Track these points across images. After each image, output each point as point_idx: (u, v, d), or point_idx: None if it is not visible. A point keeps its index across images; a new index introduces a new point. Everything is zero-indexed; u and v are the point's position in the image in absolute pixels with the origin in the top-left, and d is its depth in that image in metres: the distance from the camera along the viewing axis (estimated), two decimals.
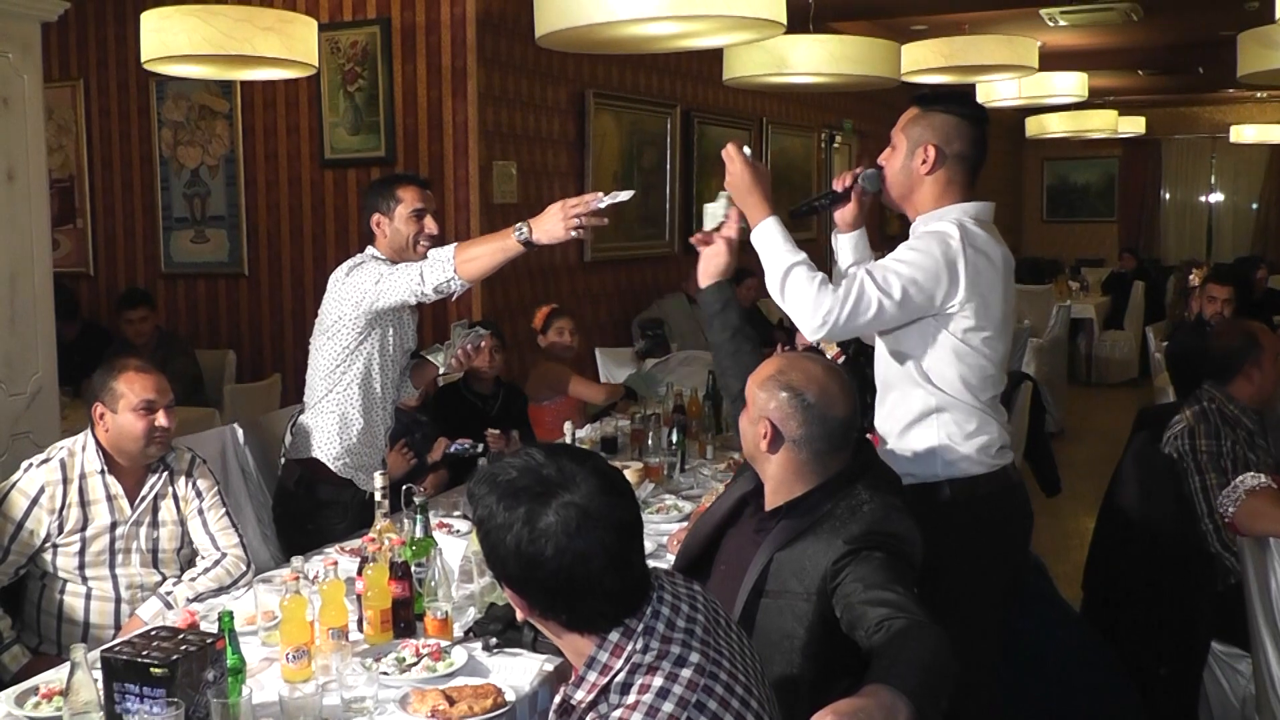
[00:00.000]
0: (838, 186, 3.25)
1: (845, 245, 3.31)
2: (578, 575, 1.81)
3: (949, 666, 2.08)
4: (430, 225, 3.97)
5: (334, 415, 3.98)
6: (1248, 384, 4.12)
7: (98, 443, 3.49)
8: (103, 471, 3.47)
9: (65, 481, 3.44)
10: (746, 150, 3.11)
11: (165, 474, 3.58)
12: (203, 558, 3.63)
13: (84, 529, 3.44)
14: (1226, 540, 3.94)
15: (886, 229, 12.63)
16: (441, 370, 4.21)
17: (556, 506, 1.80)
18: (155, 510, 3.56)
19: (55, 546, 3.42)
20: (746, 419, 2.67)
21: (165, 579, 3.55)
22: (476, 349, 4.13)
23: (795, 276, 2.92)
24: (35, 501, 3.40)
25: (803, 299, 2.90)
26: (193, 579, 3.54)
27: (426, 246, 3.96)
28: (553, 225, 3.57)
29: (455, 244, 3.76)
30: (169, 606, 3.44)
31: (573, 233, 3.56)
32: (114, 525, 3.47)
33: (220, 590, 3.52)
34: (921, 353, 3.00)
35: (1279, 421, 4.36)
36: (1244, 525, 3.57)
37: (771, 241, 3.00)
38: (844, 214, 3.27)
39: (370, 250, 4.00)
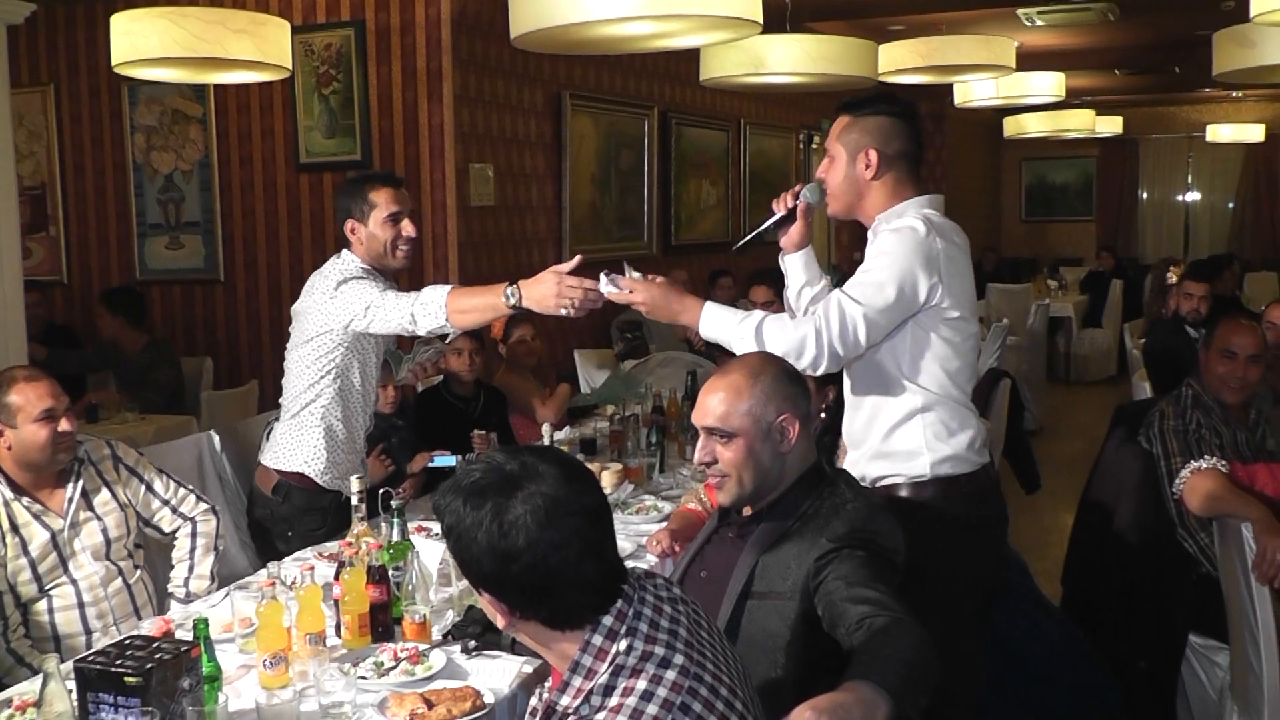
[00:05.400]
0: (779, 209, 3.21)
1: (795, 265, 3.29)
2: (553, 565, 1.79)
3: (930, 664, 2.07)
4: (408, 228, 3.83)
5: (319, 428, 3.87)
6: (1204, 371, 4.15)
7: None
8: (15, 498, 3.41)
9: None
10: (632, 274, 3.09)
11: (89, 469, 3.54)
12: (175, 536, 3.67)
13: (26, 551, 3.38)
14: (1190, 525, 3.98)
15: (840, 237, 12.69)
16: (398, 381, 4.14)
17: (523, 498, 1.79)
18: (90, 506, 3.51)
19: (3, 566, 3.36)
20: (746, 443, 2.55)
21: (120, 570, 3.53)
22: (434, 365, 4.04)
23: (766, 328, 2.89)
24: None
25: (785, 341, 2.86)
26: (191, 565, 3.61)
27: (405, 251, 3.85)
28: (544, 295, 3.35)
29: (449, 288, 3.55)
30: (189, 601, 3.51)
31: (563, 310, 3.33)
32: (53, 537, 3.42)
33: (215, 553, 3.65)
34: (905, 353, 2.97)
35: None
36: (1188, 502, 3.75)
37: (722, 321, 2.97)
38: (790, 235, 3.24)
39: (350, 256, 3.84)
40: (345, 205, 3.86)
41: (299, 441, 3.90)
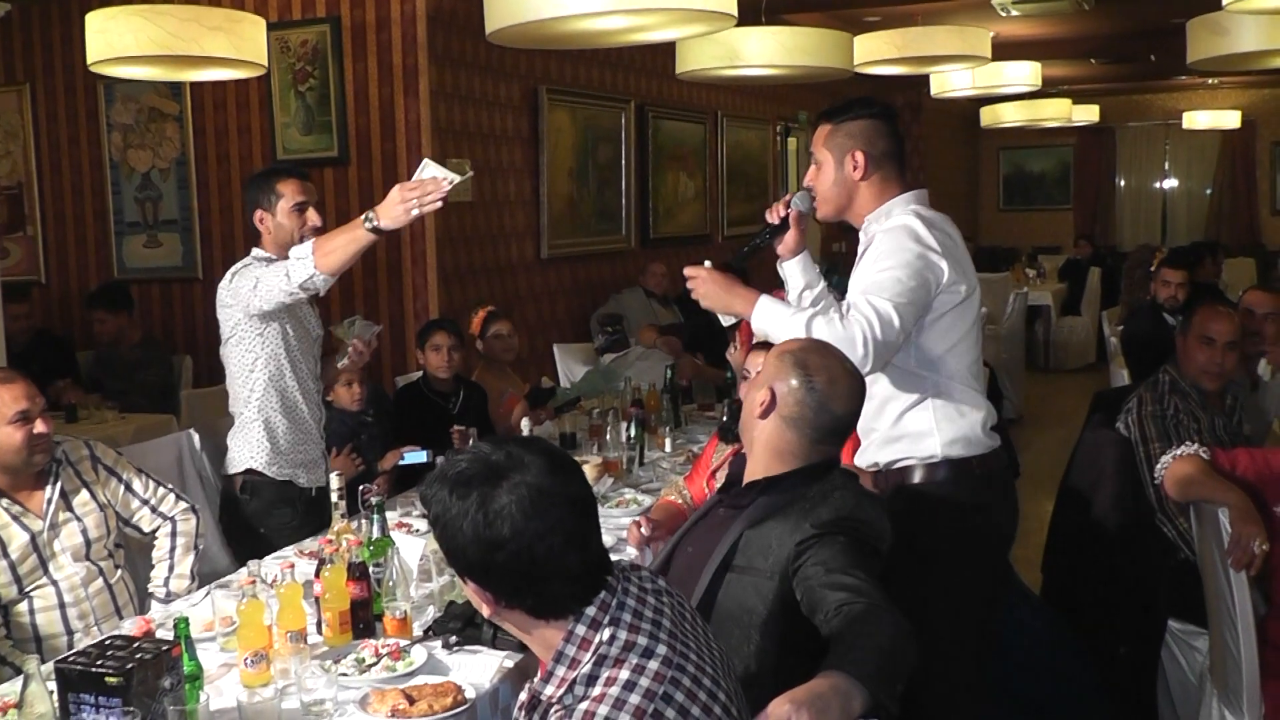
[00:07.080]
0: (772, 219, 3.25)
1: (794, 270, 3.30)
2: (538, 555, 1.80)
3: (907, 652, 2.09)
4: (313, 218, 4.00)
5: (258, 423, 4.00)
6: (1182, 357, 4.17)
7: None
8: None
9: None
10: (707, 264, 3.15)
11: (67, 470, 3.52)
12: (155, 536, 3.66)
13: (6, 553, 3.36)
14: (1169, 510, 3.99)
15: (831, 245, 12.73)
16: (341, 366, 4.26)
17: (508, 488, 1.80)
18: (70, 507, 3.49)
19: None
20: (753, 385, 2.67)
21: (101, 571, 3.51)
22: (373, 340, 4.18)
23: (815, 327, 2.87)
24: None
25: (835, 339, 2.83)
26: (171, 565, 3.61)
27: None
28: (393, 209, 3.61)
29: (315, 239, 3.81)
30: (169, 600, 3.51)
31: (413, 213, 3.61)
32: (33, 538, 3.40)
33: (195, 552, 3.66)
34: (912, 340, 2.99)
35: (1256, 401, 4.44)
36: (1169, 489, 3.72)
37: (775, 314, 2.99)
38: (786, 242, 3.27)
39: (255, 251, 4.03)
40: (254, 197, 4.04)
41: (245, 440, 4.02)
